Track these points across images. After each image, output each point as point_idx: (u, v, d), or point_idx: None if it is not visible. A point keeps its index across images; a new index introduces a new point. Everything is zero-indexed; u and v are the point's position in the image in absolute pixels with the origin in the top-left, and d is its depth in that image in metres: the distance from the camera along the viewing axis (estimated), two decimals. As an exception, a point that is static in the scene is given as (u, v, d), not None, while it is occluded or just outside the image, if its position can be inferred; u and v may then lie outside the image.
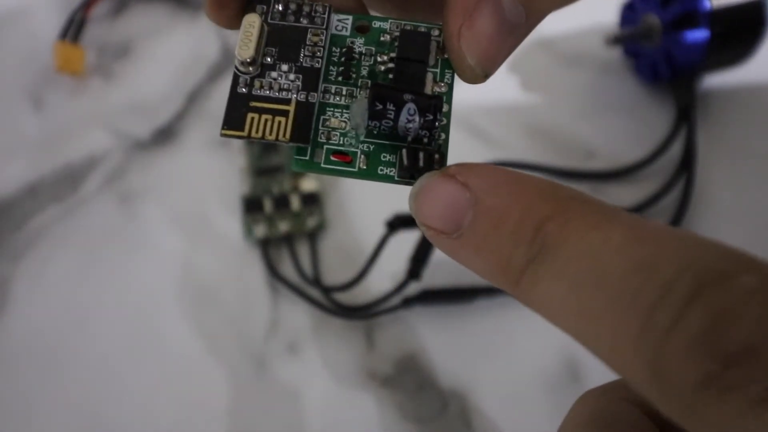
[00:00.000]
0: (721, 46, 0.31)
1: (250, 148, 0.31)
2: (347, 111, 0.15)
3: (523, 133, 0.33)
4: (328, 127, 0.15)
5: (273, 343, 0.28)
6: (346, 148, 0.15)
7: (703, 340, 0.09)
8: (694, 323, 0.10)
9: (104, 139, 0.33)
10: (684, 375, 0.10)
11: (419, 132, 0.14)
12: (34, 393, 0.27)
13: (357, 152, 0.15)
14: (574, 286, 0.11)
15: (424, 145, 0.14)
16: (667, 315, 0.10)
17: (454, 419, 0.26)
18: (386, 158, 0.15)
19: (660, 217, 0.30)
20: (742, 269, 0.10)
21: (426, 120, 0.14)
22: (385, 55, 0.15)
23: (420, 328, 0.28)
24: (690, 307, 0.10)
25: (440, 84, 0.15)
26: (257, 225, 0.30)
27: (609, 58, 0.35)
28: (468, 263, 0.13)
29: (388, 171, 0.15)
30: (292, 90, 0.15)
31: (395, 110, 0.14)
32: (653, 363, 0.10)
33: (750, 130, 0.33)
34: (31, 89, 0.34)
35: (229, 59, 0.35)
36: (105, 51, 0.35)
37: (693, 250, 0.10)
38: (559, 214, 0.12)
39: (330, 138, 0.15)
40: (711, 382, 0.09)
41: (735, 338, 0.09)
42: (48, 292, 0.29)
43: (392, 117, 0.14)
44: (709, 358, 0.09)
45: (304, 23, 0.15)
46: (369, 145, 0.15)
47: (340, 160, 0.15)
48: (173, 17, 0.36)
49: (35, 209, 0.31)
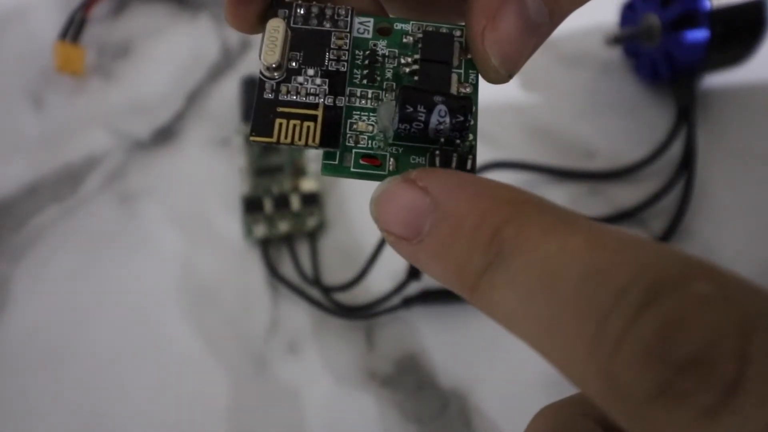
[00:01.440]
0: (721, 46, 0.31)
1: (250, 148, 0.31)
2: (374, 114, 0.15)
3: (523, 133, 0.33)
4: (356, 131, 0.15)
5: (273, 343, 0.28)
6: (375, 151, 0.15)
7: (655, 349, 0.09)
8: (646, 331, 0.09)
9: (104, 139, 0.33)
10: (635, 384, 0.09)
11: (450, 134, 0.14)
12: (34, 392, 0.27)
13: (386, 155, 0.15)
14: (529, 294, 0.11)
15: (455, 147, 0.14)
16: (620, 322, 0.10)
17: (454, 419, 0.26)
18: (415, 161, 0.15)
19: (660, 217, 0.30)
20: (696, 276, 0.10)
21: (456, 121, 0.14)
22: (408, 57, 0.15)
23: (420, 328, 0.28)
24: (642, 314, 0.09)
25: (465, 85, 0.15)
26: (257, 225, 0.30)
27: (609, 58, 0.35)
28: (427, 269, 0.13)
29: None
30: (319, 94, 0.15)
31: (426, 112, 0.14)
32: (606, 372, 0.10)
33: (750, 130, 0.33)
34: (31, 89, 0.34)
35: (229, 59, 0.35)
36: (105, 51, 0.35)
37: (649, 256, 0.10)
38: (514, 219, 0.11)
39: (358, 142, 0.15)
40: (661, 391, 0.09)
41: (685, 346, 0.09)
42: (48, 292, 0.29)
43: (423, 119, 0.14)
44: (660, 366, 0.09)
45: (327, 27, 0.15)
46: (398, 148, 0.15)
47: (370, 163, 0.15)
48: (173, 17, 0.36)
49: (35, 209, 0.31)
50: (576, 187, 0.32)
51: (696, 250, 0.30)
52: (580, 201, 0.31)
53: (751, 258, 0.30)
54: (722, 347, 0.09)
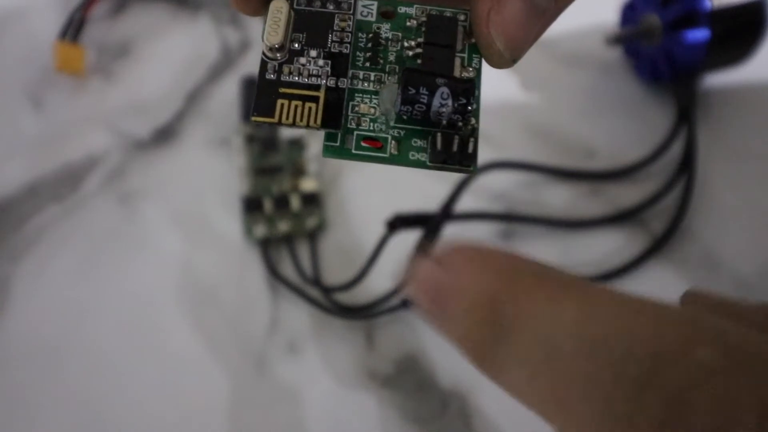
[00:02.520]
0: (722, 46, 0.31)
1: (250, 148, 0.31)
2: (376, 97, 0.15)
3: (523, 133, 0.33)
4: (358, 113, 0.15)
5: (273, 343, 0.28)
6: (377, 133, 0.15)
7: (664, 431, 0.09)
8: (652, 412, 0.09)
9: (104, 139, 0.33)
10: None
11: (452, 117, 0.14)
12: (33, 393, 0.27)
13: (388, 138, 0.15)
14: (533, 371, 0.11)
15: (457, 130, 0.15)
16: (624, 405, 0.09)
17: (454, 419, 0.26)
18: (417, 143, 0.15)
19: (660, 217, 0.30)
20: (698, 342, 0.09)
21: (459, 104, 0.14)
22: (412, 41, 0.15)
23: (420, 328, 0.28)
24: (645, 391, 0.09)
25: (468, 69, 0.15)
26: (257, 225, 0.30)
27: (609, 58, 0.35)
28: (450, 342, 0.13)
29: (419, 156, 0.15)
30: (321, 76, 0.15)
31: (428, 95, 0.14)
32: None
33: (750, 130, 0.33)
34: (30, 89, 0.34)
35: (229, 59, 0.35)
36: (105, 51, 0.35)
37: (644, 323, 0.10)
38: (512, 293, 0.11)
39: (360, 124, 0.15)
40: None
41: (699, 426, 0.08)
42: (48, 292, 0.29)
43: (425, 102, 0.14)
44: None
45: (331, 8, 0.15)
46: (399, 131, 0.15)
47: (371, 145, 0.15)
48: (173, 17, 0.36)
49: (35, 209, 0.31)
50: (576, 187, 0.31)
51: (696, 250, 0.30)
52: (580, 201, 0.31)
53: (752, 258, 0.30)
54: (740, 426, 0.08)
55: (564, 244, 0.30)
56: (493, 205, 0.31)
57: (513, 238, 0.30)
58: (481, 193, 0.31)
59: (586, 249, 0.30)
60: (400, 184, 0.31)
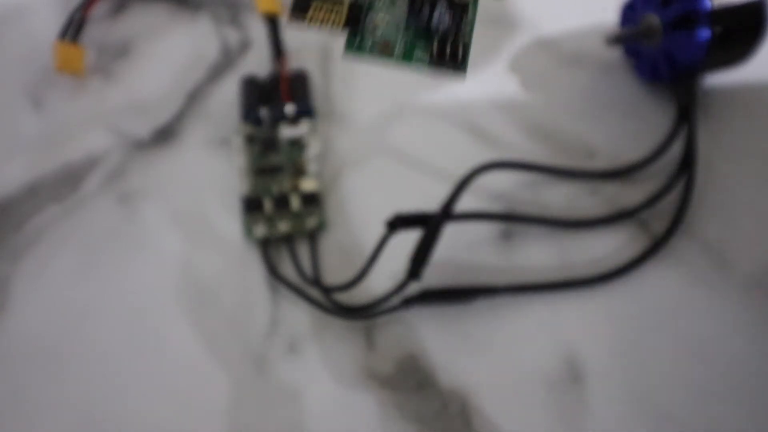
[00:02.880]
0: (722, 46, 0.31)
1: (250, 148, 0.31)
2: (389, 10, 0.20)
3: (523, 133, 0.33)
4: (373, 22, 0.20)
5: (273, 343, 0.28)
6: (388, 38, 0.20)
7: None
8: None
9: (104, 139, 0.33)
10: None
11: (447, 29, 0.19)
12: (33, 393, 0.27)
13: (396, 42, 0.20)
14: None
15: (452, 41, 0.19)
16: None
17: (454, 419, 0.26)
18: (420, 49, 0.20)
19: (660, 217, 0.30)
20: None
21: (454, 21, 0.18)
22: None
23: (420, 328, 0.28)
24: None
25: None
26: (257, 225, 0.30)
27: (609, 58, 0.35)
28: None
29: (422, 55, 0.20)
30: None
31: (430, 11, 0.19)
32: None
33: (751, 130, 0.33)
34: (30, 89, 0.34)
35: (229, 59, 0.35)
36: (105, 51, 0.35)
37: None
38: None
39: (375, 30, 0.19)
40: None
41: None
42: (48, 292, 0.29)
43: (427, 16, 0.19)
44: None
45: None
46: (406, 38, 0.20)
47: (382, 48, 0.20)
48: (173, 17, 0.36)
49: (35, 209, 0.31)
50: (576, 187, 0.32)
51: (697, 251, 0.30)
52: (579, 201, 0.31)
53: (753, 258, 0.30)
54: None
55: (564, 244, 0.30)
56: (493, 205, 0.31)
57: (513, 238, 0.30)
58: (481, 193, 0.31)
59: (586, 249, 0.30)
60: (400, 184, 0.31)
